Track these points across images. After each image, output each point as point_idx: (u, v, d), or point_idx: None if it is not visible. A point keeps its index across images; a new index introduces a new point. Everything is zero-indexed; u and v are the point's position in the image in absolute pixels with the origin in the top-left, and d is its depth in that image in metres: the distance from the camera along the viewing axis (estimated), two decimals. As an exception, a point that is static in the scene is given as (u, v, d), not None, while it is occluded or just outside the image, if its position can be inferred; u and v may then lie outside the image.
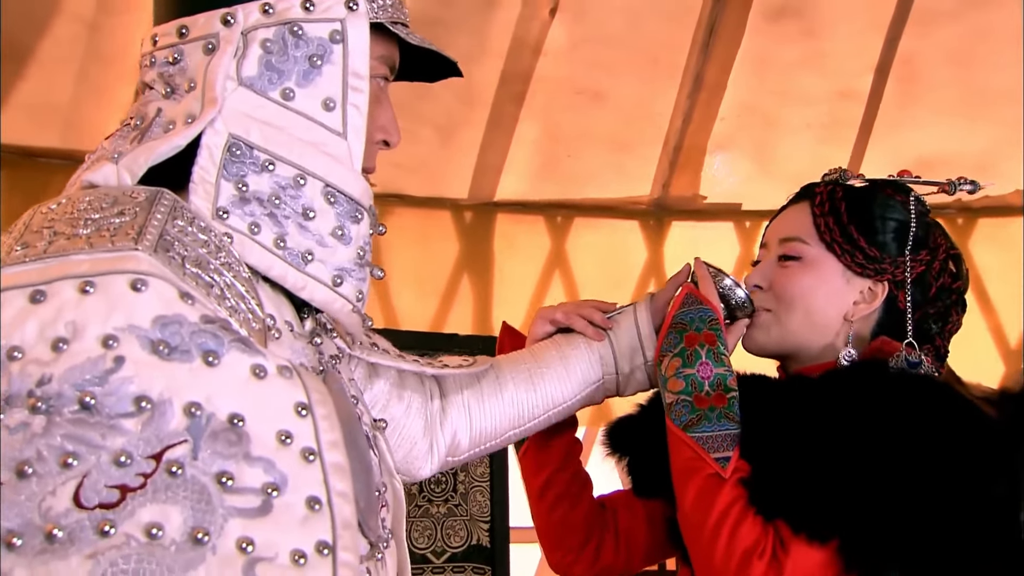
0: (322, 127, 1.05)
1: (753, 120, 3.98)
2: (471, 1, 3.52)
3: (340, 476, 0.90)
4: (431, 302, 4.28)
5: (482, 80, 3.75)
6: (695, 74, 3.79)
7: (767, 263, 1.48)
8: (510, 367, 1.47)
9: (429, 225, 4.27)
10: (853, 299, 1.45)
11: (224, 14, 1.03)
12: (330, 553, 0.86)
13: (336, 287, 1.07)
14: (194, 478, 0.81)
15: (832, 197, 1.45)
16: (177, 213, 0.96)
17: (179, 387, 0.83)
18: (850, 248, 1.44)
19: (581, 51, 3.70)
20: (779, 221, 1.50)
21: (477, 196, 4.21)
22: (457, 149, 3.98)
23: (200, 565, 0.79)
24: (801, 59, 3.78)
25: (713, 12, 3.64)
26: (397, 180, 4.10)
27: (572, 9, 3.59)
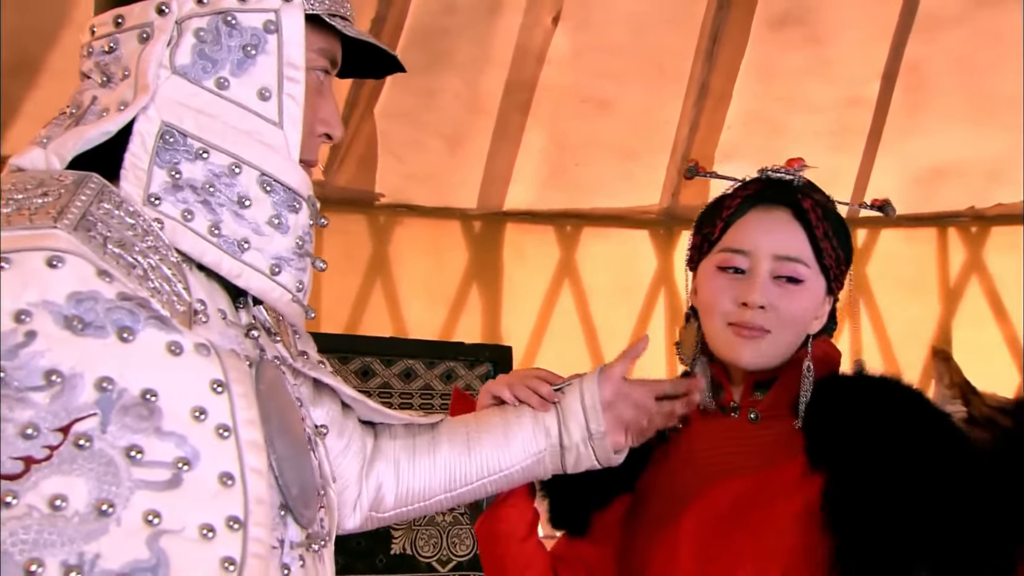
0: (257, 116, 1.06)
1: (760, 128, 3.97)
2: (473, 10, 3.54)
3: (256, 453, 0.91)
4: (440, 311, 4.31)
5: (487, 89, 3.78)
6: (700, 82, 3.79)
7: (763, 280, 1.43)
8: (449, 428, 1.42)
9: (438, 235, 4.30)
10: (817, 315, 1.48)
11: (159, 3, 1.05)
12: (241, 528, 0.87)
13: (274, 276, 1.07)
14: (102, 451, 0.82)
15: (817, 214, 1.44)
16: (104, 196, 0.98)
17: (92, 362, 0.84)
18: (839, 270, 1.46)
19: (585, 59, 3.71)
20: (766, 233, 1.45)
21: (486, 206, 4.23)
22: (464, 159, 4.01)
23: (102, 536, 0.80)
24: (806, 66, 3.78)
25: (716, 20, 3.65)
26: (406, 190, 4.14)
27: (575, 17, 3.61)
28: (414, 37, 3.57)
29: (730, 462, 1.46)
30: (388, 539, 3.63)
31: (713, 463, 1.47)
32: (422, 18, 3.51)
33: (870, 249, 4.48)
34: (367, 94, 3.71)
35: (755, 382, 1.48)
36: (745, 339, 1.43)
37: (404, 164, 4.02)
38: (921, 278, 4.41)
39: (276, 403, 1.09)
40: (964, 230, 4.35)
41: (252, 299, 1.15)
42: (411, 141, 3.93)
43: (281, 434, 1.07)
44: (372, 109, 3.78)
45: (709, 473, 1.46)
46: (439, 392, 3.78)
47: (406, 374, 3.75)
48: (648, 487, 1.51)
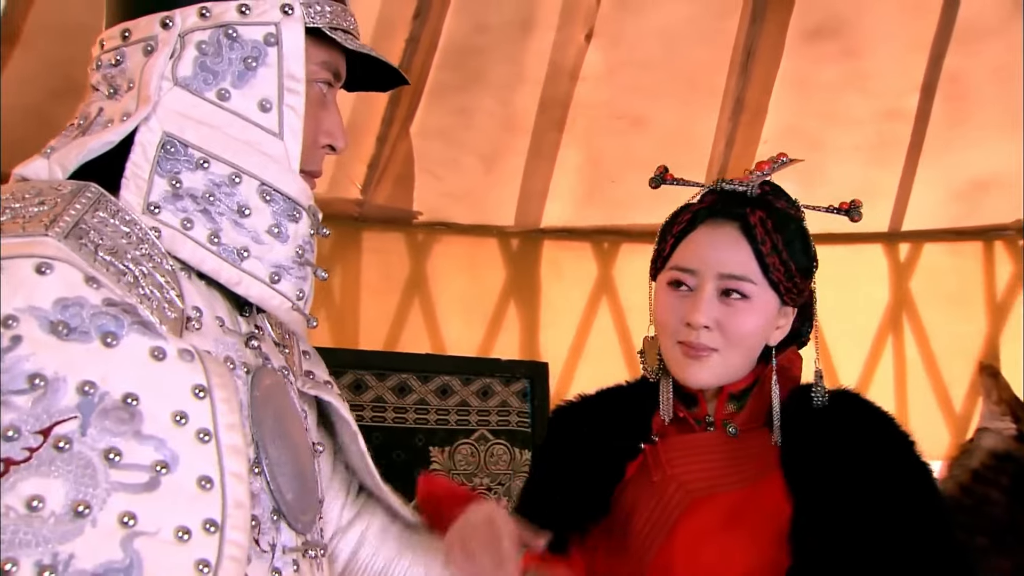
0: (258, 127, 1.09)
1: (798, 142, 3.93)
2: (505, 29, 3.56)
3: (236, 457, 0.93)
4: (478, 328, 4.31)
5: (522, 107, 3.79)
6: (735, 97, 3.77)
7: (708, 299, 1.42)
8: (425, 547, 1.37)
9: (476, 252, 4.31)
10: (776, 325, 1.47)
11: (163, 17, 1.08)
12: (217, 531, 0.89)
13: (273, 284, 1.10)
14: (81, 453, 0.85)
15: (766, 227, 1.44)
16: (100, 205, 1.01)
17: (75, 366, 0.87)
18: (790, 284, 1.45)
19: (619, 76, 3.72)
20: (711, 250, 1.44)
21: (523, 223, 4.24)
22: (500, 176, 4.02)
23: (76, 537, 0.83)
24: (843, 80, 3.74)
25: (750, 34, 3.63)
26: (444, 208, 4.16)
27: (607, 34, 3.62)
28: (448, 57, 3.60)
29: (714, 478, 1.46)
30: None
31: (697, 479, 1.47)
32: (455, 37, 3.54)
33: (913, 264, 4.41)
34: (402, 114, 3.75)
35: (729, 394, 1.47)
36: (691, 359, 1.44)
37: (441, 182, 4.04)
38: (966, 293, 4.32)
39: (272, 409, 1.11)
40: (1010, 243, 4.25)
41: (256, 309, 1.18)
42: (447, 160, 3.95)
43: (275, 440, 1.09)
44: (408, 128, 3.82)
45: (695, 489, 1.46)
46: (475, 408, 3.80)
47: (442, 390, 3.78)
48: (629, 504, 1.49)
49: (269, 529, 1.06)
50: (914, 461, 1.42)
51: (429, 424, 3.74)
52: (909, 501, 1.37)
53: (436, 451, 3.72)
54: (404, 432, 3.69)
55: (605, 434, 1.54)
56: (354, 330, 4.17)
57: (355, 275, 4.20)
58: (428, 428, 3.73)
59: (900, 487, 1.38)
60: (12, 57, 3.46)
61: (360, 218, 4.07)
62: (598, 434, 1.54)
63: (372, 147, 3.84)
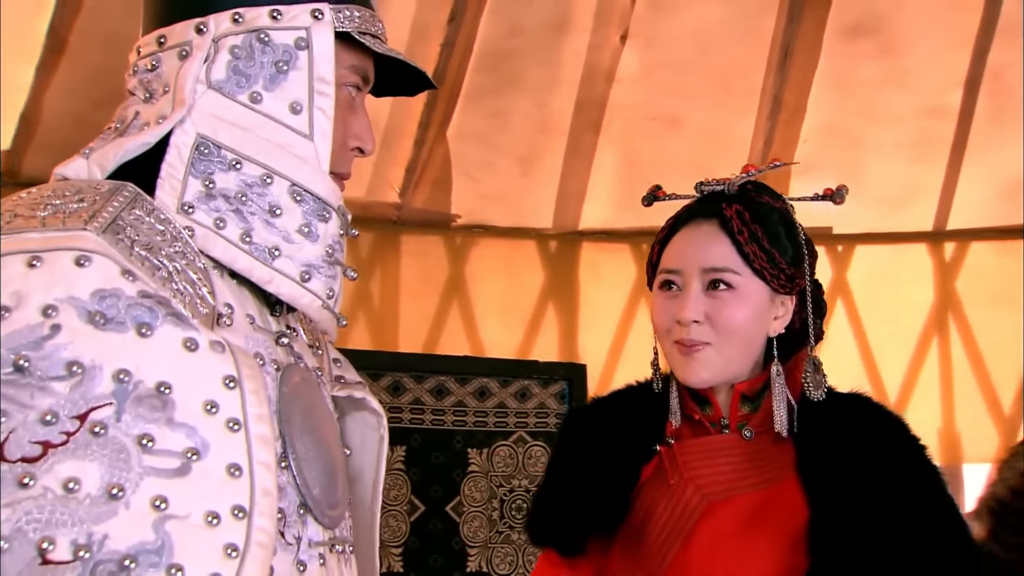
0: (289, 129, 1.11)
1: (838, 141, 3.91)
2: (540, 31, 3.58)
3: (264, 447, 0.94)
4: (517, 331, 4.33)
5: (558, 109, 3.80)
6: (773, 96, 3.75)
7: (694, 295, 1.43)
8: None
9: (514, 255, 4.33)
10: (774, 315, 1.47)
11: (198, 23, 1.10)
12: (245, 517, 0.91)
13: (304, 282, 1.11)
14: (115, 438, 0.87)
15: (743, 219, 1.44)
16: (137, 204, 1.03)
17: (111, 355, 0.89)
18: (776, 271, 1.44)
19: (654, 77, 3.72)
20: (692, 248, 1.46)
21: (561, 225, 4.25)
22: (537, 179, 4.04)
23: (111, 518, 0.85)
24: (883, 77, 3.71)
25: (787, 33, 3.61)
26: (481, 211, 4.19)
27: (642, 35, 3.62)
28: (483, 60, 3.62)
29: (731, 481, 1.45)
30: (464, 557, 3.66)
31: (714, 482, 1.46)
32: (490, 41, 3.57)
33: (959, 263, 4.36)
34: (439, 118, 3.78)
35: (741, 395, 1.47)
36: (686, 356, 1.44)
37: (479, 185, 4.07)
38: (1013, 292, 4.26)
39: (301, 406, 1.12)
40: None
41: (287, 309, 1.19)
42: (484, 162, 3.97)
43: (303, 436, 1.10)
44: (444, 132, 3.85)
45: (712, 492, 1.45)
46: (513, 411, 3.80)
47: (480, 393, 3.79)
48: (645, 507, 1.49)
49: (295, 522, 1.07)
50: (926, 465, 1.42)
51: (467, 426, 3.75)
52: (925, 504, 1.37)
53: (474, 453, 3.73)
54: (442, 434, 3.71)
55: (619, 437, 1.54)
56: (393, 333, 4.21)
57: (394, 278, 4.23)
58: (466, 430, 3.74)
59: (915, 490, 1.38)
60: (59, 66, 3.54)
61: (399, 221, 4.11)
62: (612, 437, 1.54)
63: (409, 151, 3.87)
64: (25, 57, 3.44)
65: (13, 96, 3.46)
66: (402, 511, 3.60)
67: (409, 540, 3.60)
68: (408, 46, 3.51)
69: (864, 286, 4.38)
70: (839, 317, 4.37)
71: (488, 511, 3.71)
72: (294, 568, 1.06)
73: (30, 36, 3.42)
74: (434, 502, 3.64)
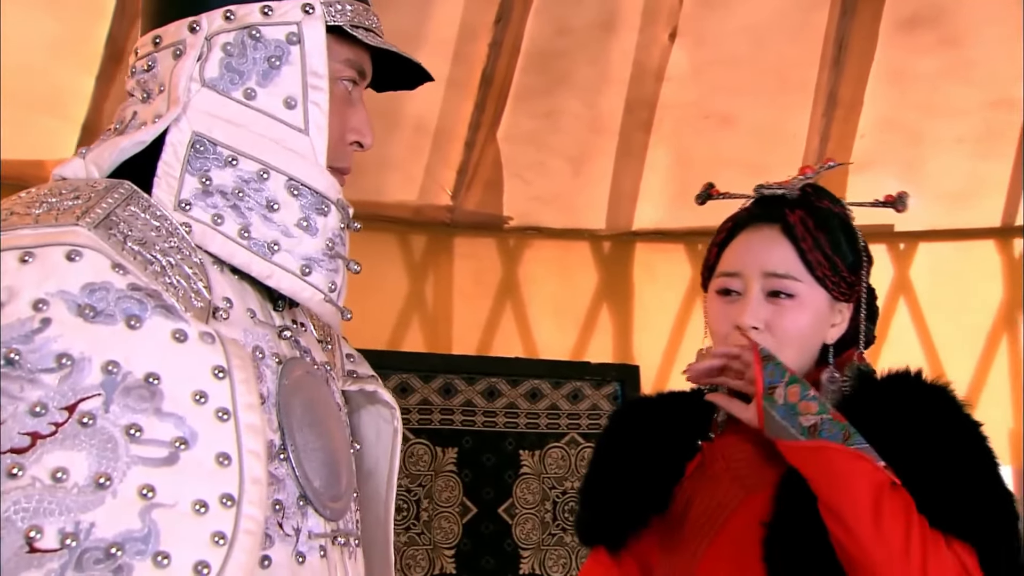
0: (284, 124, 1.11)
1: (897, 136, 3.82)
2: (587, 30, 3.56)
3: (254, 436, 0.95)
4: (571, 332, 4.31)
5: (607, 109, 3.78)
6: (828, 91, 3.68)
7: (755, 301, 1.43)
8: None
9: (568, 256, 4.31)
10: (832, 323, 1.47)
11: (191, 22, 1.12)
12: (234, 505, 0.91)
13: (304, 276, 1.11)
14: (103, 428, 0.88)
15: (806, 226, 1.44)
16: (132, 201, 1.05)
17: (100, 346, 0.91)
18: (837, 280, 1.45)
19: (705, 74, 3.67)
20: (754, 252, 1.45)
21: (614, 226, 4.22)
22: (589, 179, 4.02)
23: (98, 507, 0.86)
24: (943, 69, 3.61)
25: (841, 26, 3.54)
26: (534, 213, 4.18)
27: (691, 33, 3.58)
28: (531, 60, 3.62)
29: (770, 474, 1.43)
30: (517, 559, 3.65)
31: (752, 474, 1.46)
32: (537, 41, 3.56)
33: (1037, 261, 4.23)
34: (489, 119, 3.78)
35: None
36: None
37: (530, 186, 4.06)
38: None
39: (303, 398, 1.13)
40: None
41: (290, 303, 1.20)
42: (535, 163, 3.97)
43: (303, 428, 1.11)
44: (495, 133, 3.85)
45: (750, 484, 1.45)
46: (565, 412, 3.79)
47: (532, 394, 3.78)
48: (686, 499, 1.50)
49: (294, 514, 1.07)
50: (960, 422, 1.40)
51: (519, 428, 3.74)
52: (959, 458, 1.35)
53: (526, 455, 3.72)
54: (494, 436, 3.71)
55: (665, 433, 1.55)
56: (447, 335, 4.22)
57: (447, 281, 4.24)
58: (518, 432, 3.74)
59: (949, 446, 1.36)
60: (118, 75, 3.62)
61: (452, 224, 4.12)
62: (658, 433, 1.55)
63: (460, 153, 3.88)
64: (85, 67, 3.52)
65: (74, 107, 3.55)
66: (454, 513, 3.60)
67: (461, 542, 3.60)
68: (456, 47, 3.53)
69: (928, 285, 4.27)
70: (902, 317, 4.27)
71: (541, 513, 3.71)
72: (293, 559, 1.07)
73: (89, 46, 3.51)
74: (486, 504, 3.64)
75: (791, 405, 1.35)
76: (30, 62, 3.26)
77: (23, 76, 3.14)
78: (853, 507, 1.28)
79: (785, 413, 1.35)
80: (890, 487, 1.29)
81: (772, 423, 1.36)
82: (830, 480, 1.30)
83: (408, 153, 3.85)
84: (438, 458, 3.61)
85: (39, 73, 3.37)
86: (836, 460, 1.30)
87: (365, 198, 3.92)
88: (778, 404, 1.36)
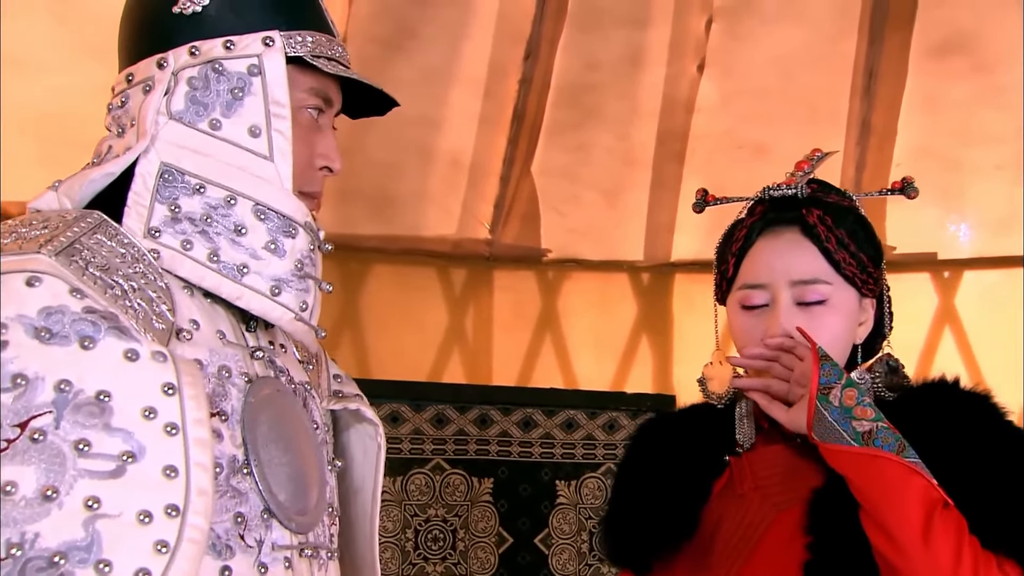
0: (249, 152, 1.18)
1: (934, 164, 3.78)
2: (616, 64, 3.61)
3: (202, 449, 1.01)
4: (610, 364, 4.32)
5: (639, 141, 3.81)
6: (861, 120, 3.67)
7: (786, 312, 1.38)
8: None
9: (607, 288, 4.33)
10: (860, 321, 1.43)
11: (159, 59, 1.20)
12: (178, 515, 0.97)
13: (274, 296, 1.18)
14: (53, 443, 0.95)
15: (827, 224, 1.39)
16: (100, 229, 1.12)
17: (53, 367, 0.97)
18: (865, 276, 1.40)
19: (735, 105, 3.69)
20: (777, 259, 1.40)
21: (653, 257, 4.24)
22: (624, 211, 4.05)
23: (43, 518, 0.92)
24: (976, 96, 3.57)
25: (870, 55, 3.53)
26: (572, 245, 4.22)
27: (719, 64, 3.60)
28: (561, 95, 3.67)
29: (801, 490, 1.40)
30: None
31: (783, 490, 1.42)
32: (567, 76, 3.62)
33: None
34: (522, 154, 3.84)
35: None
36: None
37: (566, 219, 4.10)
38: None
39: (269, 415, 1.18)
40: None
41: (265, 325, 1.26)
42: (570, 197, 4.01)
43: (269, 444, 1.16)
44: (529, 167, 3.91)
45: (780, 502, 1.41)
46: (601, 442, 3.80)
47: (568, 424, 3.81)
48: (715, 519, 1.45)
49: (257, 526, 1.12)
50: (1005, 429, 1.36)
51: (555, 458, 3.77)
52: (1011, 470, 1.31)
53: (562, 485, 3.74)
54: (530, 466, 3.74)
55: (689, 450, 1.50)
56: (487, 367, 4.26)
57: (487, 313, 4.29)
58: (554, 462, 3.76)
59: (1000, 458, 1.32)
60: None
61: (491, 257, 4.17)
62: (682, 450, 1.51)
63: (496, 187, 3.94)
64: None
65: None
66: (490, 543, 3.63)
67: (497, 572, 3.63)
68: (487, 84, 3.60)
69: (974, 313, 4.19)
70: (947, 346, 4.19)
71: (577, 543, 3.71)
72: (255, 570, 1.11)
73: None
74: (522, 534, 3.67)
75: (847, 408, 1.31)
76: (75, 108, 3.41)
77: (68, 121, 3.29)
78: (903, 521, 1.23)
79: (839, 416, 1.30)
80: (943, 506, 1.25)
81: (823, 424, 1.30)
82: (882, 491, 1.25)
83: (445, 188, 3.93)
84: (474, 488, 3.65)
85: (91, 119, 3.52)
86: (890, 471, 1.25)
87: (405, 233, 4.01)
88: (833, 406, 1.31)
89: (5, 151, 3.05)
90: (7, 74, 3.15)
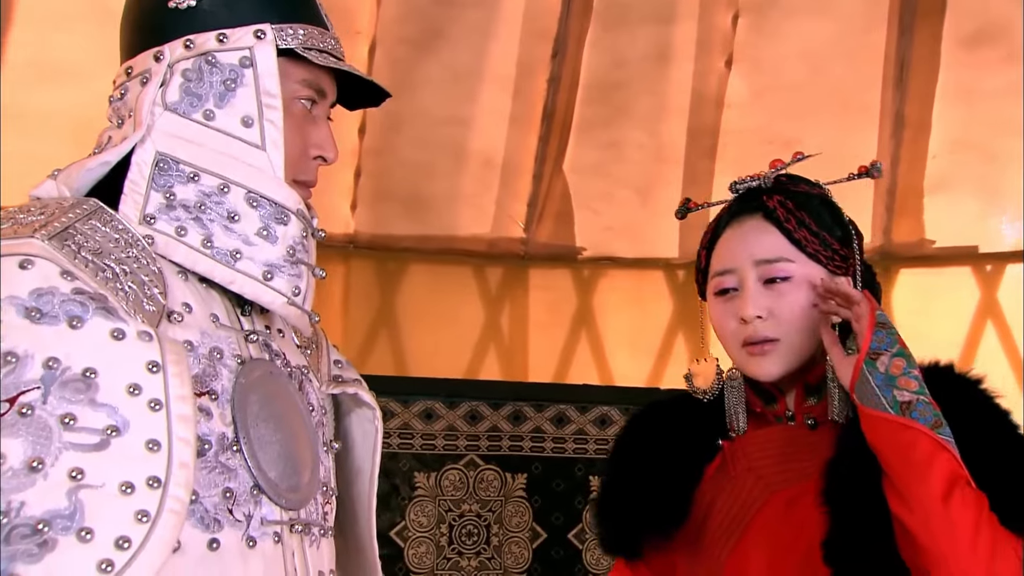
0: (242, 141, 1.22)
1: (970, 155, 3.73)
2: (643, 61, 3.62)
3: (184, 424, 1.05)
4: (646, 361, 4.33)
5: (670, 138, 3.82)
6: (894, 112, 3.63)
7: (753, 291, 1.42)
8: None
9: (642, 285, 4.35)
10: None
11: (155, 52, 1.24)
12: (160, 487, 1.01)
13: (267, 281, 1.21)
14: (40, 417, 0.99)
15: (787, 208, 1.43)
16: (95, 216, 1.16)
17: (42, 345, 1.02)
18: (829, 252, 1.42)
19: (765, 100, 3.68)
20: (741, 244, 1.45)
21: (687, 254, 4.24)
22: (657, 208, 4.05)
23: (29, 488, 0.97)
24: (1011, 85, 3.52)
25: (901, 47, 3.50)
26: (606, 243, 4.23)
27: (747, 59, 3.60)
28: (591, 92, 3.70)
29: (792, 471, 1.43)
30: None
31: (775, 472, 1.45)
32: (595, 73, 3.64)
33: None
34: (554, 151, 3.87)
35: (805, 385, 1.45)
36: (756, 356, 1.42)
37: (600, 217, 4.12)
38: None
39: (260, 395, 1.22)
40: None
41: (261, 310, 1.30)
42: (603, 194, 4.03)
43: (259, 423, 1.20)
44: (561, 165, 3.93)
45: (773, 483, 1.44)
46: (634, 439, 3.80)
47: (601, 421, 3.81)
48: (707, 502, 1.48)
49: (246, 501, 1.16)
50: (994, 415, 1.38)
51: (588, 454, 3.77)
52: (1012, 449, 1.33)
53: (596, 481, 3.75)
54: (563, 462, 3.75)
55: (682, 435, 1.53)
56: (523, 365, 4.30)
57: (523, 311, 4.33)
58: (587, 458, 3.77)
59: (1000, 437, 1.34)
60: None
61: (526, 256, 4.21)
62: (675, 435, 1.53)
63: (529, 186, 3.98)
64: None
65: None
66: (524, 538, 3.65)
67: (532, 567, 3.64)
68: (516, 83, 3.64)
69: (1016, 306, 4.13)
70: (990, 340, 4.14)
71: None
72: (243, 543, 1.14)
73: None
74: (556, 529, 3.68)
75: (892, 376, 1.33)
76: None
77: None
78: (925, 491, 1.26)
79: (883, 382, 1.33)
80: (966, 483, 1.27)
81: (865, 388, 1.33)
82: (908, 461, 1.28)
83: (478, 188, 3.97)
84: (508, 484, 3.67)
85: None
86: (920, 443, 1.27)
87: (440, 232, 4.06)
88: (879, 371, 1.33)
89: (54, 157, 3.16)
90: (53, 84, 3.26)
